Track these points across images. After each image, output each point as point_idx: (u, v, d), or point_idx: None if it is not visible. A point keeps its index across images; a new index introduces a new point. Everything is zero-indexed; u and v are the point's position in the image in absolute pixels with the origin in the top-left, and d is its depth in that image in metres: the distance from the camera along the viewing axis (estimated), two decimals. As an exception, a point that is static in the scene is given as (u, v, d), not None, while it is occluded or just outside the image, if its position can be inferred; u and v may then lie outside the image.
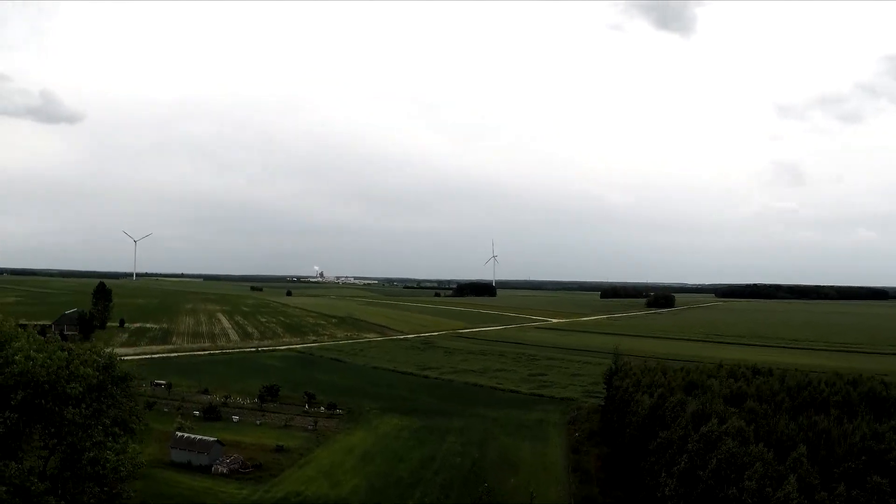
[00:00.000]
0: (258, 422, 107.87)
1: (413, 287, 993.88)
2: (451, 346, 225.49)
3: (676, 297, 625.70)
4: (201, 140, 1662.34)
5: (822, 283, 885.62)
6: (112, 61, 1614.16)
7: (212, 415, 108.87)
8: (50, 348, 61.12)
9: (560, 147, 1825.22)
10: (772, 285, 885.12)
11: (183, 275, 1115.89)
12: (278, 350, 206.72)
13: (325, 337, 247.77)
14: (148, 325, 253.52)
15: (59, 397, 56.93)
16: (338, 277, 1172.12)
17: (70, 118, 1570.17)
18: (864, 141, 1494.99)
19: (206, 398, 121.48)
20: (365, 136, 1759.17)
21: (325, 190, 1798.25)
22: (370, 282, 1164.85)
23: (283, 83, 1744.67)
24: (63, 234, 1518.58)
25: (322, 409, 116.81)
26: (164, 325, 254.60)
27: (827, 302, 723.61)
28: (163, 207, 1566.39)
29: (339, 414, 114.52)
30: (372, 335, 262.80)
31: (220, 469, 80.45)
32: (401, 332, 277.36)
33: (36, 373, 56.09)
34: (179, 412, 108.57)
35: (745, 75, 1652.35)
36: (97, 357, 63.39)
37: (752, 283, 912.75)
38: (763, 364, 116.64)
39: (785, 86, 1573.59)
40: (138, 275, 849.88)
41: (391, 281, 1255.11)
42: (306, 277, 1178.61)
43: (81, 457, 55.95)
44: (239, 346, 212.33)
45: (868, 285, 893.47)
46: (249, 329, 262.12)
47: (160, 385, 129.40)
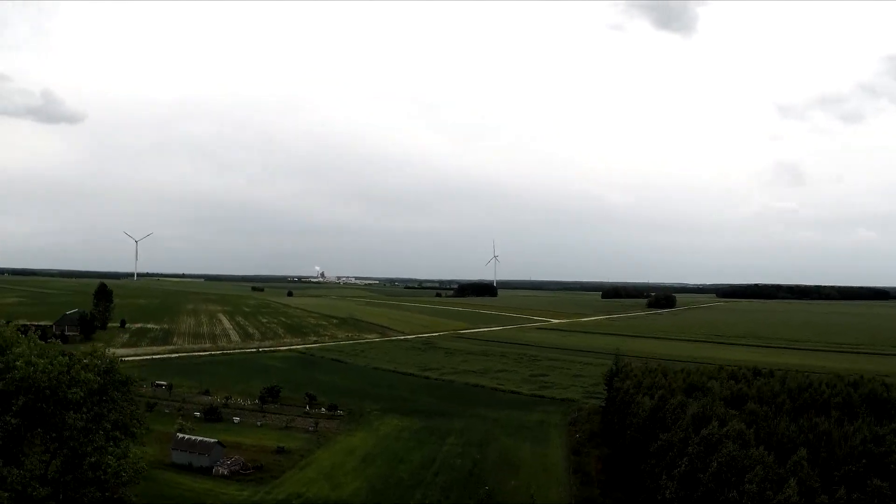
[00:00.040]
0: (259, 423, 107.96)
1: (414, 287, 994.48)
2: (451, 347, 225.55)
3: (677, 297, 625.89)
4: (201, 140, 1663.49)
5: (822, 284, 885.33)
6: (112, 61, 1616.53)
7: (213, 416, 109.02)
8: (51, 353, 61.07)
9: (560, 147, 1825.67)
10: (772, 285, 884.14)
11: (184, 275, 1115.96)
12: (279, 351, 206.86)
13: (326, 337, 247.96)
14: (149, 325, 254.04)
15: (60, 402, 57.06)
16: (339, 277, 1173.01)
17: (70, 118, 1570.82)
18: (865, 141, 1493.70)
19: (206, 399, 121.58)
20: (365, 136, 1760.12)
21: (325, 190, 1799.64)
22: (371, 282, 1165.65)
23: (283, 83, 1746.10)
24: (63, 234, 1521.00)
25: (323, 410, 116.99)
26: (166, 326, 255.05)
27: (827, 302, 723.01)
28: (163, 207, 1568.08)
29: (340, 415, 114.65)
30: (373, 336, 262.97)
31: (220, 470, 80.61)
32: (402, 332, 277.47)
33: (37, 378, 56.20)
34: (180, 413, 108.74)
35: (745, 75, 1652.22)
36: (98, 361, 63.38)
37: (753, 284, 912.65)
38: (764, 365, 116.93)
39: (785, 86, 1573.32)
40: (139, 275, 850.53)
41: (392, 281, 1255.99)
42: (307, 277, 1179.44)
43: (83, 461, 56.00)
44: (240, 347, 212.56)
45: (868, 285, 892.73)
46: (250, 330, 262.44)
47: (161, 386, 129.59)
